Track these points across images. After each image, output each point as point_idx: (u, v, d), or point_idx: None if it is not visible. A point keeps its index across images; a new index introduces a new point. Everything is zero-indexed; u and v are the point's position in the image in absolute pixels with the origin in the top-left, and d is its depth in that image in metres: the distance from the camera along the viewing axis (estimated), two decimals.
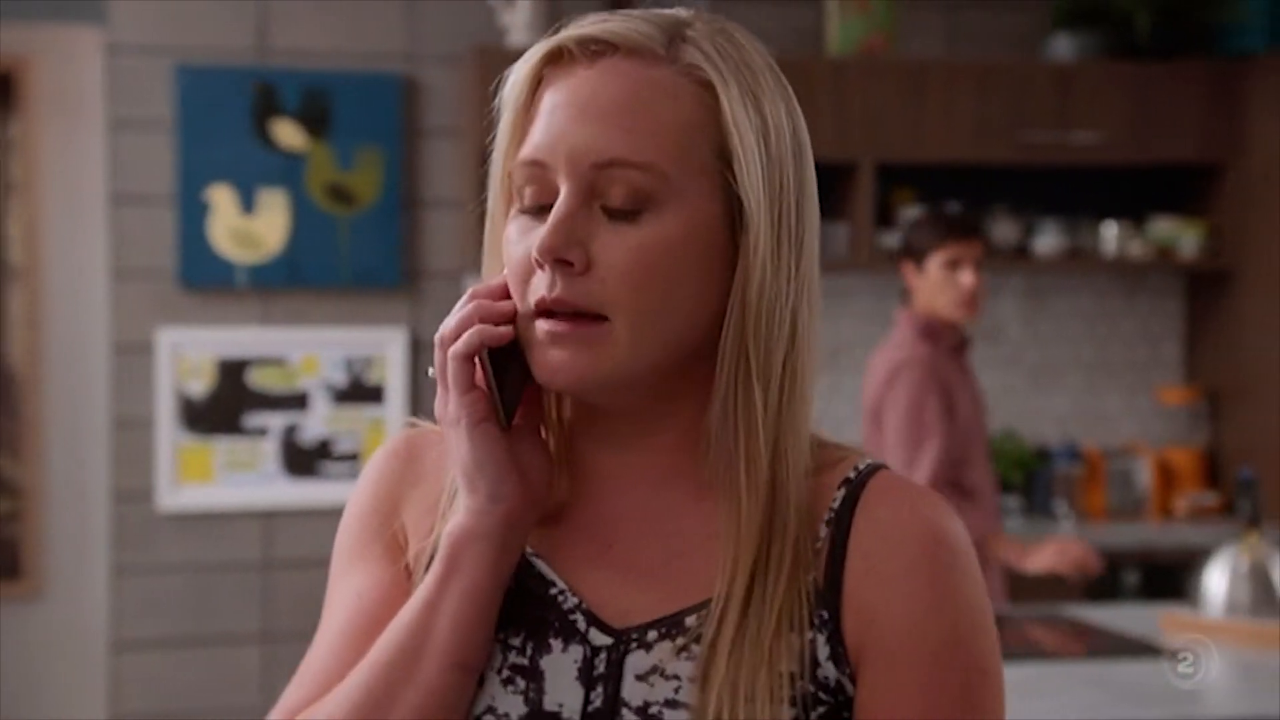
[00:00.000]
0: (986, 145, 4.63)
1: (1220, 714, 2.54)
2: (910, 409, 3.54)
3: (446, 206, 4.74)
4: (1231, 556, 3.05)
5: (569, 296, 1.07)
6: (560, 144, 1.08)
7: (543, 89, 1.11)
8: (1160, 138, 4.71)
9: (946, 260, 3.63)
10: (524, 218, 1.11)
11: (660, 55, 1.10)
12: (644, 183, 1.07)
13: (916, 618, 1.07)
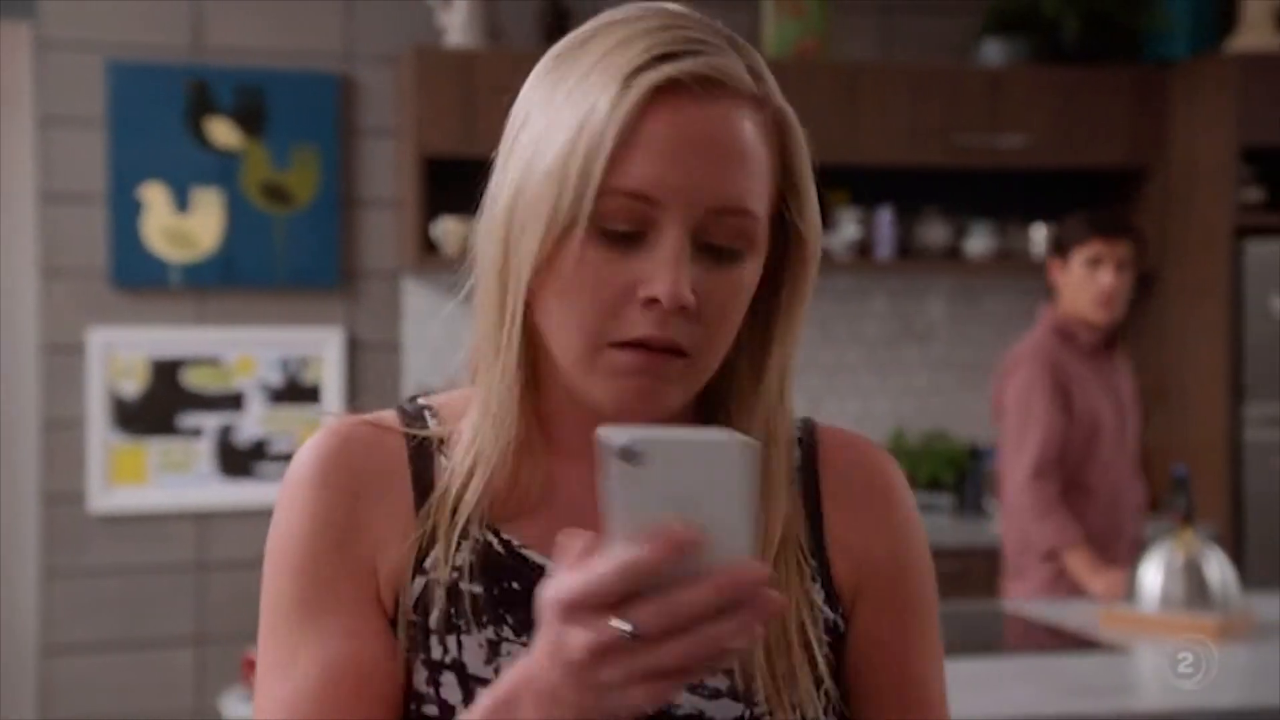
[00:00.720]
0: (919, 148, 4.70)
1: (1158, 707, 2.60)
2: (1019, 399, 3.62)
3: (384, 206, 4.73)
4: (1166, 552, 3.12)
5: (680, 339, 1.06)
6: (676, 183, 1.06)
7: (647, 119, 1.06)
8: (1087, 142, 4.80)
9: (1088, 258, 3.62)
10: (605, 245, 1.06)
11: (756, 95, 1.11)
12: (750, 227, 1.09)
13: (899, 551, 1.20)
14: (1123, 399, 3.74)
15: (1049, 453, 3.57)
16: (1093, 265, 3.61)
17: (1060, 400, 3.59)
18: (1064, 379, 3.61)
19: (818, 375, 4.97)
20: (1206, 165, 4.71)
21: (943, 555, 4.42)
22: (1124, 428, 3.71)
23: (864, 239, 4.76)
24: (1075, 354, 3.67)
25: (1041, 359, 3.63)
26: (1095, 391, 3.66)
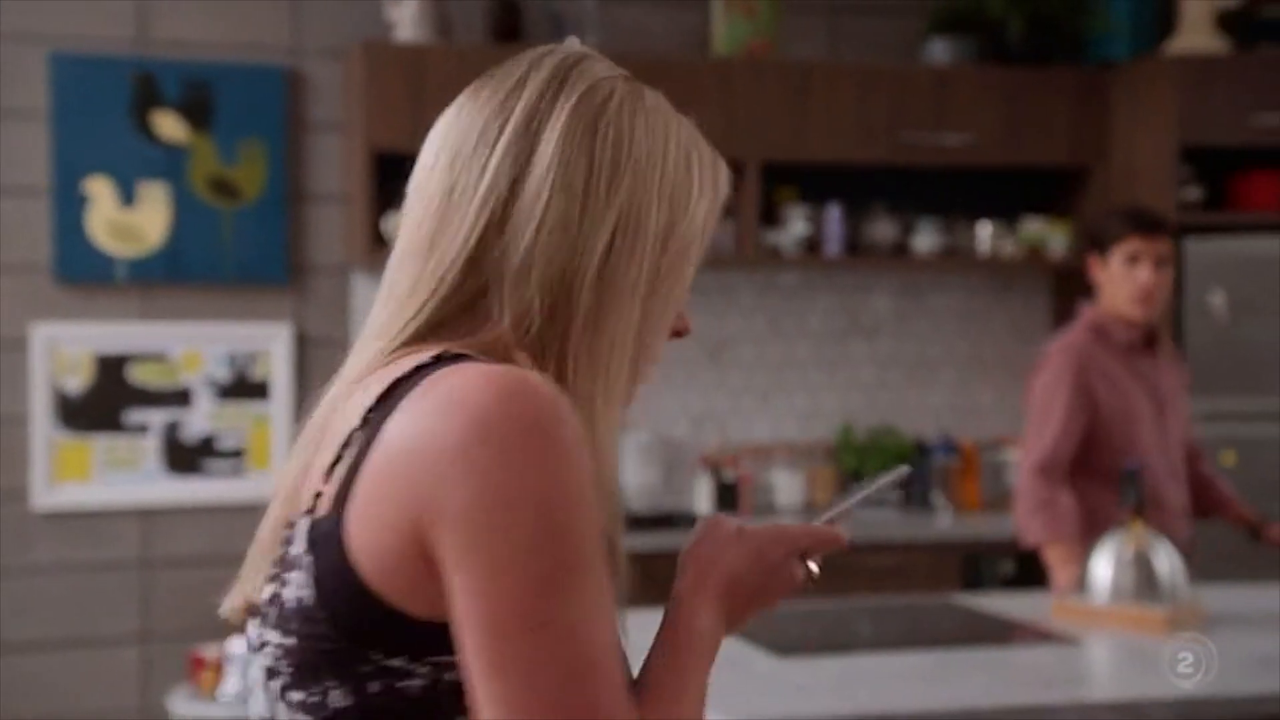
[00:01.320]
0: (867, 146, 4.74)
1: (1110, 697, 2.64)
2: (1042, 395, 3.63)
3: (332, 201, 4.70)
4: (1116, 545, 3.16)
5: None
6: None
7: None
8: (1031, 141, 4.86)
9: (1127, 255, 3.61)
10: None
11: None
12: None
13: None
14: (1163, 397, 3.71)
15: (1059, 452, 3.57)
16: (1131, 262, 3.60)
17: (1083, 399, 3.59)
18: (1091, 377, 3.61)
19: (766, 371, 5.00)
20: (1147, 164, 4.78)
21: (889, 549, 4.49)
22: (1163, 427, 3.68)
23: (813, 236, 4.79)
24: (1111, 351, 3.66)
25: (1070, 356, 3.63)
26: (1130, 389, 3.65)
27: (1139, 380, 3.68)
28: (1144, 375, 3.69)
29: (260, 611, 1.13)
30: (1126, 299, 3.62)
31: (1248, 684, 2.66)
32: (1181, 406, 3.78)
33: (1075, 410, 3.59)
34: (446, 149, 1.22)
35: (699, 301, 4.94)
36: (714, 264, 4.78)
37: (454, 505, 1.03)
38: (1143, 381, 3.68)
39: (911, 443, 4.94)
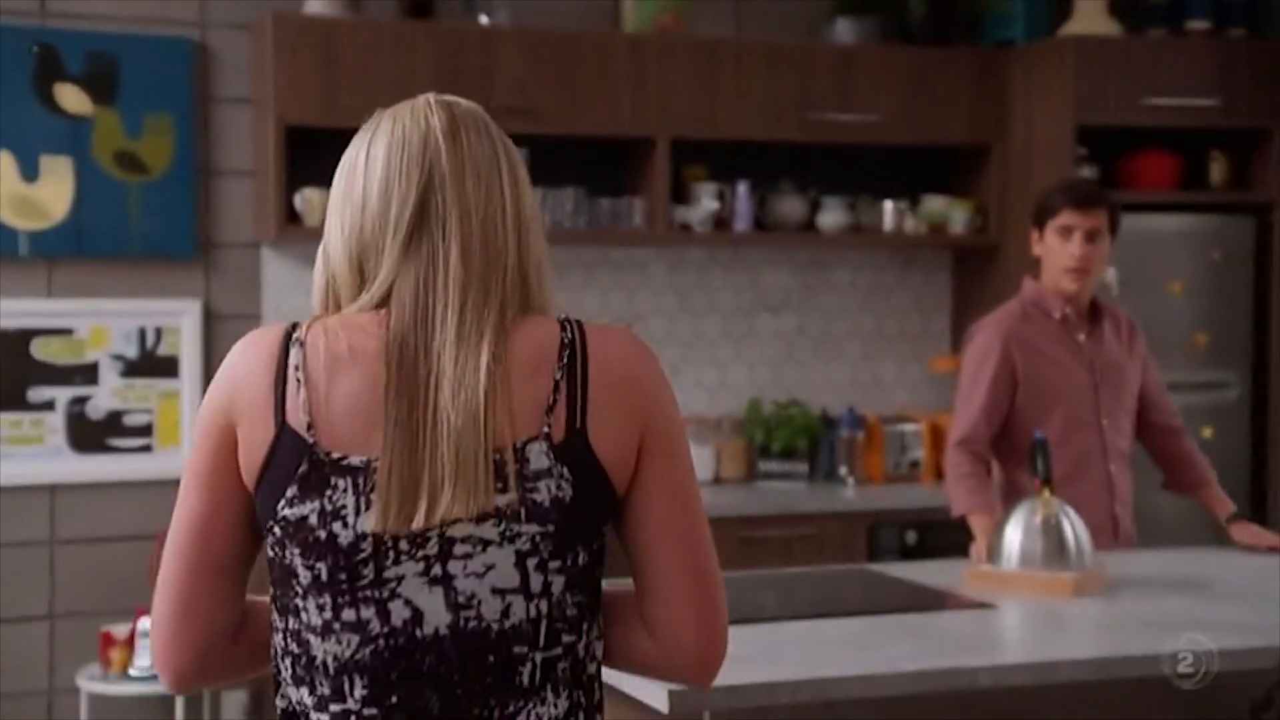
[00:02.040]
0: (775, 124, 4.81)
1: (1027, 659, 2.74)
2: (967, 367, 3.67)
3: (242, 177, 4.67)
4: (1025, 513, 3.27)
5: None
6: None
7: None
8: (933, 120, 4.97)
9: (1060, 228, 3.60)
10: None
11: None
12: None
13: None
14: (1103, 372, 3.67)
15: (978, 427, 3.60)
16: (1064, 235, 3.60)
17: (1007, 374, 3.60)
18: (1017, 352, 3.61)
19: (676, 346, 5.06)
20: (1044, 144, 4.91)
21: (799, 520, 4.58)
22: (1103, 402, 3.66)
23: (722, 212, 4.86)
24: (1045, 325, 3.66)
25: (997, 330, 3.65)
26: (1064, 364, 3.64)
27: (1074, 355, 3.67)
28: (1081, 350, 3.67)
29: (496, 514, 1.46)
30: (1059, 272, 3.63)
31: (1151, 644, 2.77)
32: (1133, 380, 3.72)
33: (998, 385, 3.61)
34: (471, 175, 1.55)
35: (610, 277, 4.99)
36: (624, 240, 4.83)
37: (662, 416, 1.52)
38: (1079, 356, 3.67)
39: (818, 416, 5.04)
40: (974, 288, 5.22)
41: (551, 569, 1.47)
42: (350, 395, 1.47)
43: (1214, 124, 4.95)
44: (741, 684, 2.47)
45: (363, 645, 1.46)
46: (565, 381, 1.49)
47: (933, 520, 4.68)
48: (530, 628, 1.47)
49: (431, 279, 1.48)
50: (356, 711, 1.46)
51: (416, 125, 1.54)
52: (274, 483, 1.47)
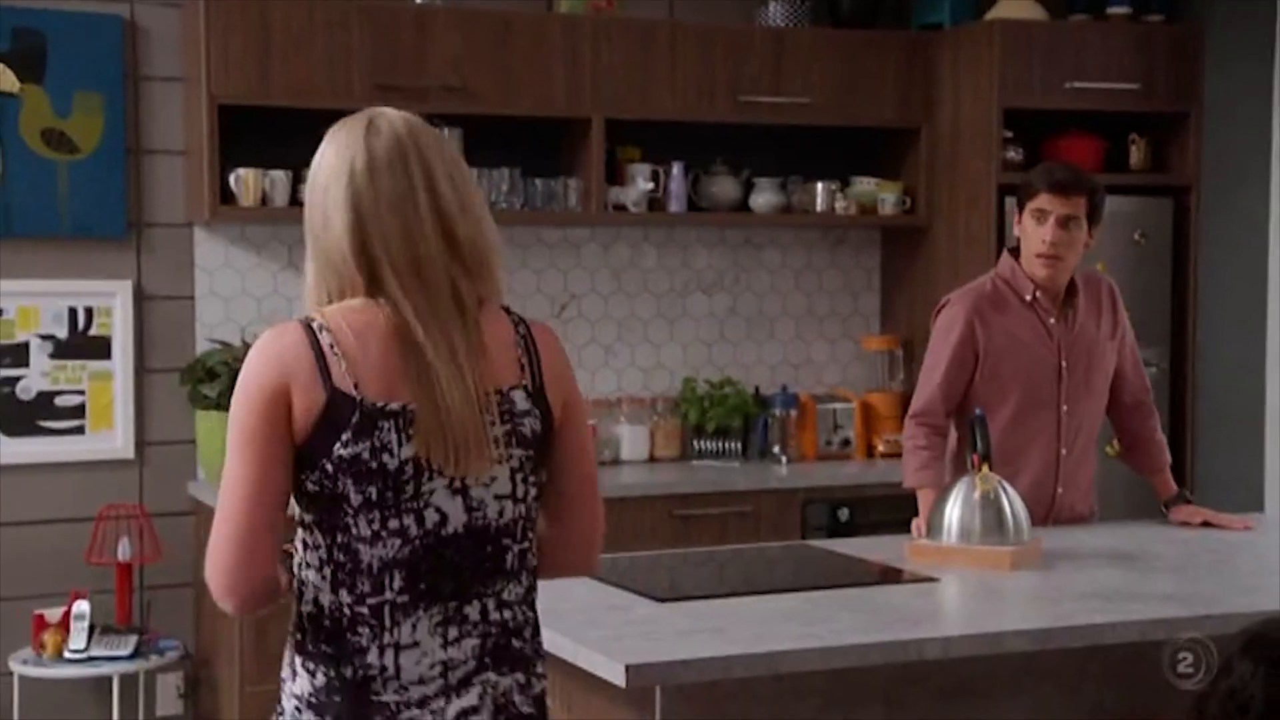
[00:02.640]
0: (708, 105, 4.85)
1: (973, 630, 2.80)
2: (932, 341, 3.70)
3: (173, 156, 4.63)
4: (965, 488, 3.34)
5: None
6: None
7: None
8: (863, 102, 5.03)
9: (1034, 211, 3.58)
10: None
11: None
12: None
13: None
14: (1072, 354, 3.65)
15: (933, 402, 3.63)
16: (1038, 218, 3.58)
17: (968, 351, 3.62)
18: (979, 329, 3.62)
19: (610, 326, 5.10)
20: (970, 126, 4.99)
21: (734, 498, 4.63)
22: (1057, 388, 3.65)
23: (656, 193, 4.89)
24: (1013, 304, 3.65)
25: (962, 306, 3.65)
26: (1031, 344, 3.63)
27: (1041, 338, 3.65)
28: (1050, 333, 3.66)
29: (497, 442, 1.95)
30: (1031, 255, 3.61)
31: (1091, 615, 2.85)
32: (1107, 360, 3.71)
33: (957, 361, 3.62)
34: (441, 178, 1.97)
35: (544, 258, 5.01)
36: (559, 221, 4.85)
37: (575, 387, 2.08)
38: (1046, 339, 3.65)
39: (751, 395, 5.09)
40: (902, 268, 5.30)
41: (530, 482, 2.00)
42: (378, 360, 1.91)
43: (1134, 108, 5.06)
44: (694, 658, 2.52)
45: (403, 546, 1.91)
46: (525, 355, 2.01)
47: (865, 497, 4.76)
48: (515, 525, 1.98)
49: (396, 282, 1.92)
50: (391, 601, 1.91)
51: (344, 163, 1.94)
52: (328, 432, 1.88)
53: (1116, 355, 3.75)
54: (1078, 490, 3.76)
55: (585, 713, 2.93)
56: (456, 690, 1.93)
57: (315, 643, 1.94)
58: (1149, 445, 3.83)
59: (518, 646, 1.99)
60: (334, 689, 1.92)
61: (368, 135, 1.94)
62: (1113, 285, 3.79)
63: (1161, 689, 3.13)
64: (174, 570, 4.54)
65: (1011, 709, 2.99)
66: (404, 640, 1.92)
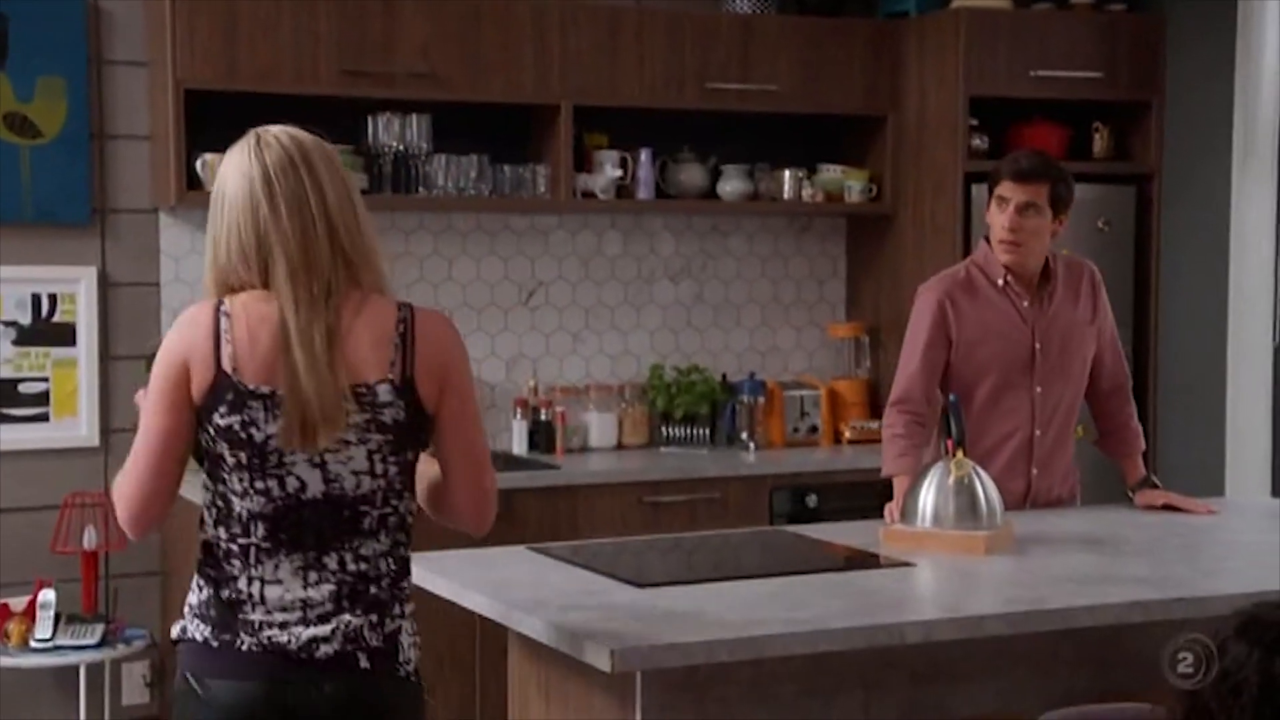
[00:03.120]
0: (676, 92, 4.85)
1: (951, 614, 2.81)
2: (909, 329, 3.75)
3: (138, 141, 4.58)
4: (939, 474, 3.36)
5: None
6: None
7: None
8: (830, 90, 5.04)
9: (998, 197, 3.64)
10: None
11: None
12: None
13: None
14: (1046, 340, 3.70)
15: (912, 388, 3.68)
16: (1000, 205, 3.64)
17: (941, 336, 3.67)
18: (952, 314, 3.67)
19: (578, 314, 5.09)
20: (936, 114, 5.01)
21: (702, 484, 4.64)
22: (1031, 371, 3.70)
23: (624, 181, 4.88)
24: (987, 290, 3.70)
25: (935, 292, 3.71)
26: (1004, 330, 3.68)
27: (1013, 322, 3.70)
28: (1023, 317, 3.70)
29: (355, 428, 2.24)
30: (996, 241, 3.67)
31: (1069, 598, 2.88)
32: (1084, 344, 3.75)
33: (933, 348, 3.67)
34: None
35: (512, 245, 5.00)
36: (528, 207, 4.84)
37: (457, 371, 2.31)
38: (1019, 323, 3.70)
39: (718, 382, 5.10)
40: (868, 256, 5.33)
41: (391, 460, 2.29)
42: (263, 347, 2.21)
43: (1097, 96, 5.10)
44: (680, 642, 2.53)
45: (267, 503, 2.25)
46: (400, 349, 2.27)
47: (832, 483, 4.79)
48: (374, 494, 2.29)
49: (288, 276, 2.20)
50: (257, 544, 2.26)
51: (243, 177, 2.23)
52: (212, 403, 2.21)
53: (1096, 341, 3.79)
54: (1054, 473, 3.80)
55: (563, 699, 2.93)
56: (314, 623, 2.27)
57: (204, 566, 2.30)
58: (1124, 431, 3.87)
59: (374, 593, 2.31)
60: (213, 604, 2.28)
61: (259, 150, 2.25)
62: (1095, 272, 3.84)
63: (1132, 670, 3.18)
64: (140, 559, 4.51)
65: (985, 692, 3.02)
66: (268, 577, 2.26)
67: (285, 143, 2.25)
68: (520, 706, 3.12)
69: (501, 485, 4.42)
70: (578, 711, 2.88)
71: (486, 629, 4.35)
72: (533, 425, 4.90)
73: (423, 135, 4.61)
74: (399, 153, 4.60)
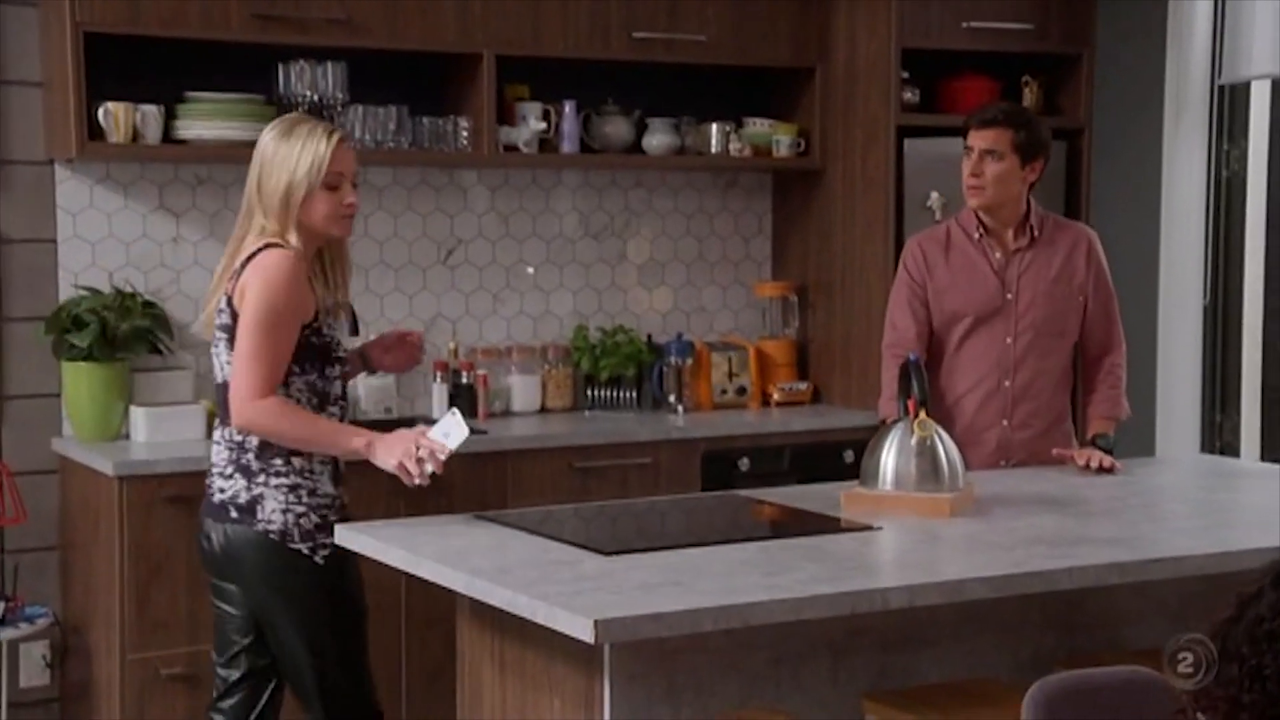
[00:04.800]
0: (601, 42, 4.67)
1: (931, 578, 2.68)
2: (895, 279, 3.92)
3: (31, 87, 4.29)
4: (900, 435, 3.25)
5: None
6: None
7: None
8: (758, 41, 4.89)
9: (965, 146, 3.75)
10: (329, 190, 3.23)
11: None
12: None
13: None
14: (1017, 293, 3.79)
15: (903, 332, 3.80)
16: (966, 154, 3.74)
17: (917, 289, 3.81)
18: (926, 267, 3.81)
19: (498, 273, 4.90)
20: (866, 67, 4.88)
21: (632, 449, 4.49)
22: (1005, 323, 3.79)
23: (547, 134, 4.70)
24: (964, 244, 3.81)
25: (914, 245, 3.86)
26: (973, 282, 3.78)
27: (986, 274, 3.79)
28: (994, 267, 3.80)
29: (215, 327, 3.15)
30: (964, 188, 3.77)
31: (1046, 561, 2.79)
32: (1067, 302, 3.81)
33: (906, 296, 3.82)
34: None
35: (429, 201, 4.79)
36: (449, 161, 4.63)
37: (251, 296, 3.03)
38: (992, 276, 3.79)
39: (644, 343, 4.94)
40: (796, 212, 5.20)
41: (225, 357, 3.10)
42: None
43: (1029, 48, 5.02)
44: (666, 612, 2.38)
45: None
46: (238, 273, 3.06)
47: (764, 447, 4.66)
48: (225, 383, 3.10)
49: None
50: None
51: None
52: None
53: (1083, 306, 3.86)
54: (1032, 430, 3.83)
55: (519, 671, 2.78)
56: (213, 478, 3.18)
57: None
58: (1093, 390, 3.93)
59: (244, 461, 3.08)
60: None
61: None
62: (1094, 239, 3.92)
63: (1095, 632, 3.11)
64: (39, 533, 4.25)
65: (953, 656, 2.94)
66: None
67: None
68: (471, 678, 2.96)
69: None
70: (536, 683, 2.73)
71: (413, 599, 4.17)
72: (453, 389, 4.71)
73: (338, 85, 4.38)
74: (313, 103, 4.36)
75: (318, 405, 3.10)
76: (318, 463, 3.11)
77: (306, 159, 3.05)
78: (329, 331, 3.13)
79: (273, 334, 2.98)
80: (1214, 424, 5.00)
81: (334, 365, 3.13)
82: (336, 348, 3.14)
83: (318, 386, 3.10)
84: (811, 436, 4.78)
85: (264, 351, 2.98)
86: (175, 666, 3.97)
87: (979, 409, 3.81)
